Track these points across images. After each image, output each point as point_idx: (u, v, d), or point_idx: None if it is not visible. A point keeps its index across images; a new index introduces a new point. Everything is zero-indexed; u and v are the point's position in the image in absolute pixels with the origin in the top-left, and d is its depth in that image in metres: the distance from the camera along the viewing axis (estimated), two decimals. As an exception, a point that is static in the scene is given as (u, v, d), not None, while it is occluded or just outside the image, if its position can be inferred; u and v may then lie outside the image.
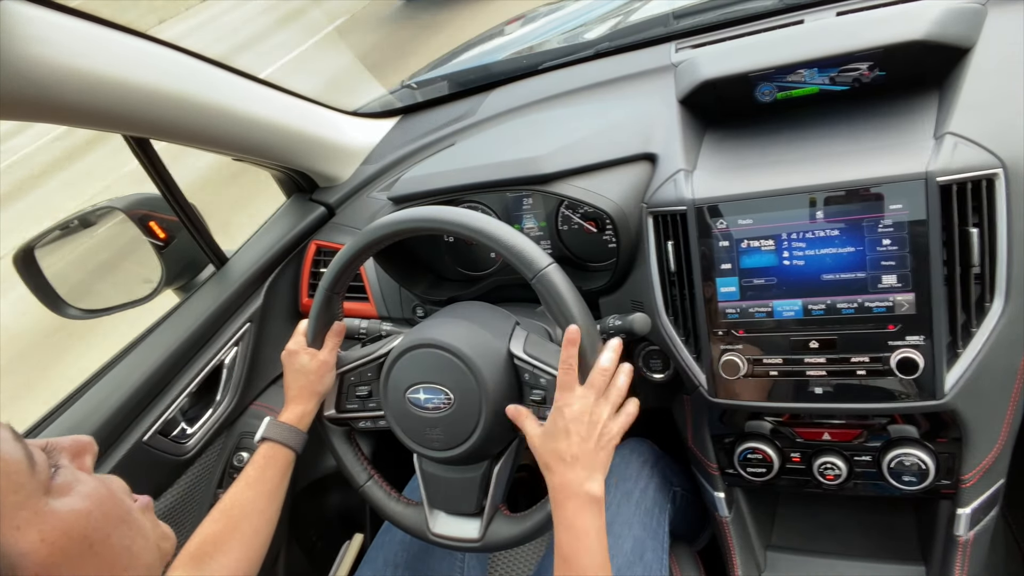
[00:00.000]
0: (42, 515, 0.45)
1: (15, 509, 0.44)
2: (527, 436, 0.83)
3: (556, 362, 0.84)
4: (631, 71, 1.20)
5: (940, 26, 0.85)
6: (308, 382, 0.96)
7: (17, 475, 0.45)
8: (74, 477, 0.50)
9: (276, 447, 0.92)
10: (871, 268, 0.83)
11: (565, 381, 0.79)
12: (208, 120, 1.06)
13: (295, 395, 0.96)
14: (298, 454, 0.94)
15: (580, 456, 0.77)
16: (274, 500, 0.90)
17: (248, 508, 0.87)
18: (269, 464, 0.91)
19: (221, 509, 0.86)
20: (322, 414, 0.99)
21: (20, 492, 0.45)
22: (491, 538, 0.90)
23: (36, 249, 1.14)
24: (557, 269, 0.82)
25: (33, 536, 0.44)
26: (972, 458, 0.88)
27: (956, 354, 0.82)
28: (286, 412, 0.95)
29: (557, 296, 0.81)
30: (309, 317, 0.98)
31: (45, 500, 0.46)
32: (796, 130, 0.95)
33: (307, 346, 0.97)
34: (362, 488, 0.98)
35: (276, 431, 0.93)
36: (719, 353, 0.92)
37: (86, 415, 1.03)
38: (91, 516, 0.48)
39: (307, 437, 0.95)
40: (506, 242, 0.83)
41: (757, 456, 1.00)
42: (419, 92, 1.49)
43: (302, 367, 0.96)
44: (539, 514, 0.87)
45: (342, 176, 1.36)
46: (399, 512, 0.96)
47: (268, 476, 0.90)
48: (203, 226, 1.20)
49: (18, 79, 0.78)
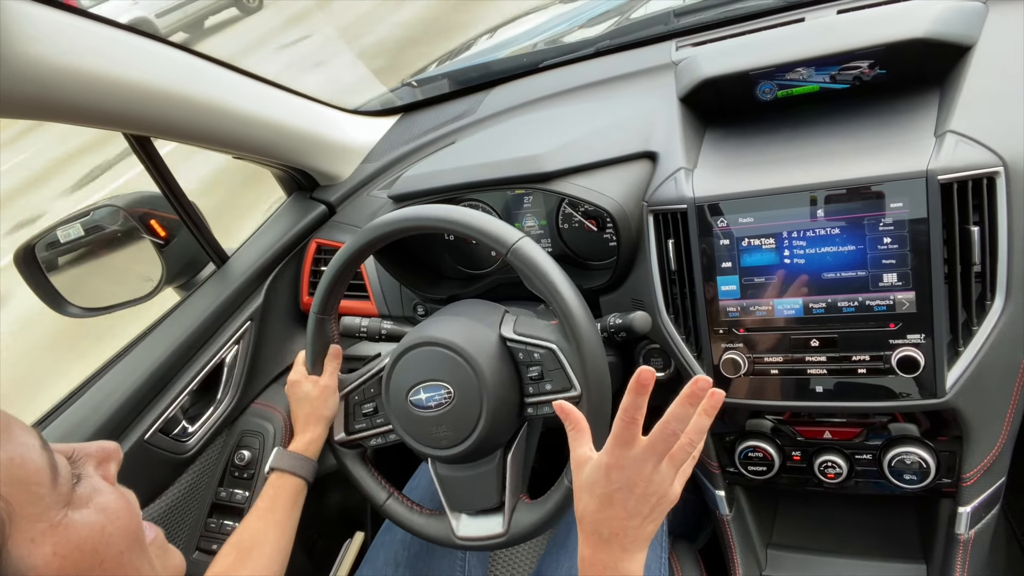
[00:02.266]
0: (58, 528, 0.44)
1: (32, 521, 0.43)
2: (572, 459, 0.69)
3: (547, 335, 0.85)
4: (631, 69, 1.19)
5: (941, 24, 0.85)
6: (313, 408, 0.96)
7: (39, 487, 0.44)
8: (95, 488, 0.49)
9: (286, 476, 0.92)
10: (872, 266, 0.83)
11: (623, 436, 0.64)
12: (208, 118, 1.05)
13: (303, 424, 0.97)
14: (309, 483, 0.94)
15: (621, 533, 0.64)
16: (285, 531, 0.90)
17: (259, 539, 0.87)
18: (279, 494, 0.91)
19: (232, 543, 0.86)
20: (332, 439, 1.00)
21: (39, 504, 0.43)
22: (515, 529, 0.90)
23: (37, 248, 1.15)
24: (529, 241, 0.82)
25: (47, 549, 0.43)
26: (973, 456, 0.88)
27: (957, 352, 0.82)
28: (295, 442, 0.96)
29: (535, 267, 0.81)
30: (305, 346, 0.99)
31: (63, 512, 0.45)
32: (797, 128, 0.94)
33: (307, 374, 0.98)
34: (383, 506, 0.98)
35: (285, 461, 0.93)
36: (720, 351, 0.92)
37: (87, 414, 1.03)
38: (105, 531, 0.47)
39: (316, 465, 0.96)
40: (474, 225, 0.83)
41: (758, 454, 1.00)
42: (419, 90, 1.49)
43: (305, 395, 0.97)
44: (558, 492, 0.87)
45: (342, 174, 1.36)
46: (423, 524, 0.96)
47: (278, 507, 0.91)
48: (204, 224, 1.20)
49: (18, 77, 0.78)
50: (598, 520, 0.65)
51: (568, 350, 0.84)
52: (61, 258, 1.17)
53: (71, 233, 1.17)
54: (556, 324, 0.86)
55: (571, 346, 0.82)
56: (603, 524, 0.65)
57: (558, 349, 0.85)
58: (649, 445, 0.64)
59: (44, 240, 1.15)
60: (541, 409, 0.89)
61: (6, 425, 0.45)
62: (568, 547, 1.01)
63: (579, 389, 0.83)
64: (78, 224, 1.17)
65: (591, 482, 0.66)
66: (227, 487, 1.20)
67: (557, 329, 0.86)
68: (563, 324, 0.82)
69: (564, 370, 0.84)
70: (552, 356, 0.85)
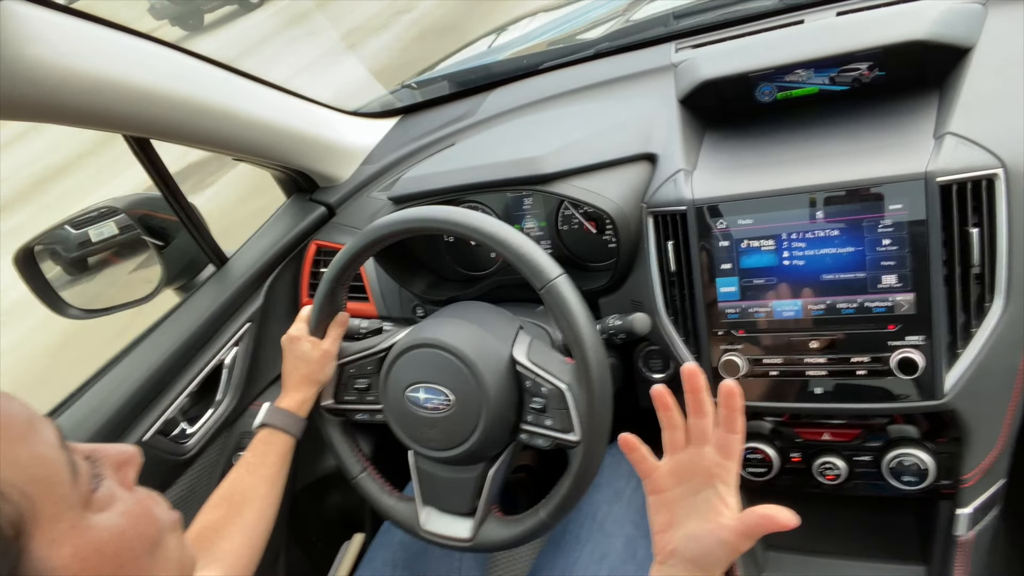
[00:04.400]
0: (79, 530, 0.43)
1: (53, 521, 0.41)
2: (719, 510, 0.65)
3: (560, 375, 0.84)
4: (631, 71, 1.20)
5: (940, 26, 0.85)
6: (310, 371, 0.95)
7: (59, 485, 0.42)
8: (114, 492, 0.47)
9: (275, 433, 0.92)
10: (871, 268, 0.83)
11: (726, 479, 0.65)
12: (208, 120, 1.06)
13: (296, 382, 0.95)
14: (298, 440, 0.94)
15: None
16: (275, 485, 0.90)
17: (249, 494, 0.86)
18: (269, 450, 0.91)
19: (221, 495, 0.86)
20: (319, 403, 0.99)
21: (60, 503, 0.42)
22: (482, 539, 0.90)
23: (36, 249, 1.15)
24: (567, 280, 0.81)
25: (67, 551, 0.42)
26: (972, 458, 0.88)
27: (956, 354, 0.82)
28: (285, 398, 0.95)
29: (566, 310, 0.80)
30: (312, 305, 0.97)
31: (84, 514, 0.44)
32: (796, 130, 0.95)
33: (309, 334, 0.97)
34: (355, 480, 0.99)
35: (275, 417, 0.92)
36: (719, 353, 0.92)
37: (86, 415, 1.03)
38: (125, 536, 0.46)
39: (306, 423, 0.95)
40: (517, 249, 0.82)
41: (757, 456, 1.00)
42: (419, 92, 1.49)
43: (304, 355, 0.95)
44: (531, 520, 0.86)
45: (342, 176, 1.36)
46: (391, 506, 0.96)
47: (268, 461, 0.90)
48: (203, 226, 1.20)
49: (18, 79, 0.78)
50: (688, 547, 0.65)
51: (578, 397, 0.83)
52: (91, 259, 1.18)
53: (104, 232, 1.17)
54: (571, 364, 0.85)
55: (582, 393, 0.82)
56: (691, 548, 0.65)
57: (568, 393, 0.83)
58: None
59: (44, 241, 1.15)
60: (534, 439, 0.88)
61: (29, 421, 0.43)
62: (562, 547, 1.01)
63: (579, 436, 0.83)
64: (112, 223, 1.17)
65: (708, 554, 0.65)
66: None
67: (571, 370, 0.84)
68: (579, 369, 0.81)
69: (569, 413, 0.83)
70: (560, 397, 0.84)
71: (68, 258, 1.16)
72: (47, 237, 1.16)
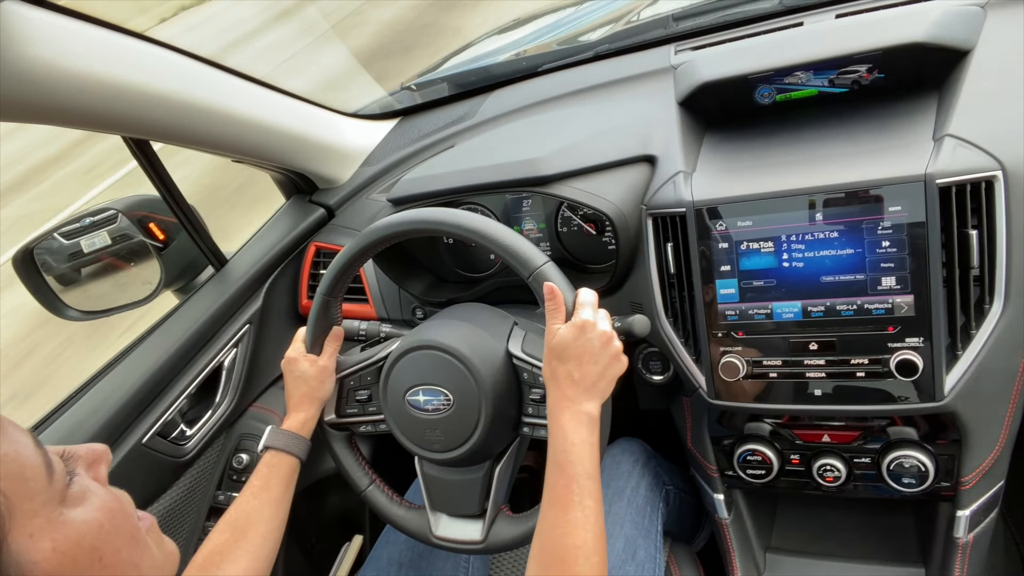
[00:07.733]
0: (56, 524, 0.45)
1: (30, 516, 0.43)
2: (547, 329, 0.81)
3: None
4: (631, 73, 1.20)
5: (939, 28, 0.85)
6: (309, 388, 0.96)
7: (35, 481, 0.44)
8: (88, 488, 0.49)
9: (280, 455, 0.92)
10: (870, 270, 0.83)
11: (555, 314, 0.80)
12: (207, 121, 1.05)
13: (297, 402, 0.96)
14: (302, 461, 0.94)
15: (584, 378, 0.78)
16: (280, 509, 0.90)
17: (254, 517, 0.87)
18: (273, 473, 0.91)
19: (227, 520, 0.86)
20: (322, 419, 0.99)
21: (36, 499, 0.44)
22: (493, 539, 0.90)
23: (35, 251, 1.14)
24: (553, 266, 0.82)
25: (46, 545, 0.44)
26: (971, 460, 0.88)
27: (955, 356, 0.82)
28: (288, 420, 0.95)
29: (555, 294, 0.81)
30: (307, 323, 0.98)
31: (60, 509, 0.45)
32: (795, 132, 0.95)
33: (306, 352, 0.97)
34: (364, 493, 0.98)
35: (279, 439, 0.93)
36: (719, 355, 0.92)
37: (85, 417, 1.03)
38: (103, 528, 0.48)
39: (310, 444, 0.95)
40: (501, 241, 0.83)
41: (756, 458, 1.00)
42: (419, 94, 1.49)
43: (302, 374, 0.96)
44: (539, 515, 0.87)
45: (341, 178, 1.36)
46: (401, 516, 0.96)
47: (272, 485, 0.90)
48: (202, 227, 1.20)
49: (17, 80, 0.78)
50: (569, 369, 0.78)
51: None
52: (84, 269, 1.17)
53: (96, 243, 1.16)
54: None
55: None
56: (573, 371, 0.77)
57: None
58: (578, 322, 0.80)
59: (43, 242, 1.15)
60: (537, 431, 0.89)
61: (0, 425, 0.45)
62: None
63: None
64: (104, 232, 1.16)
65: (563, 345, 0.78)
66: (225, 490, 1.20)
67: None
68: None
69: None
70: None
71: (58, 269, 1.16)
72: (43, 242, 1.16)
